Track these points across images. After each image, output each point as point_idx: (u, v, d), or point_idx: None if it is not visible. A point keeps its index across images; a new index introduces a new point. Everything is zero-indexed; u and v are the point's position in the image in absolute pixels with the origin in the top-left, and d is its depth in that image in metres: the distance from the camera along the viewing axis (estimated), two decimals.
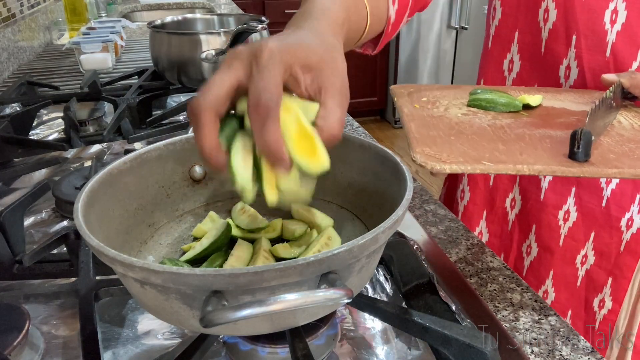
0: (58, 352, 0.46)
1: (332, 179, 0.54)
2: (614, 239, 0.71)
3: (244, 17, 1.19)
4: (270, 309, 0.30)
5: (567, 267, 0.74)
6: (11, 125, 0.87)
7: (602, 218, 0.70)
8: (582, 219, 0.71)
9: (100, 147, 0.89)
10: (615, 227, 0.70)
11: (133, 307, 0.51)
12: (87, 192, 0.42)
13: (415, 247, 0.56)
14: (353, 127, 0.96)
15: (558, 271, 0.75)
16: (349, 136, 0.53)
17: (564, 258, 0.74)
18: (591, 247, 0.72)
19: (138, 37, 1.77)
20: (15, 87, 1.08)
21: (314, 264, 0.33)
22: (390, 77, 3.67)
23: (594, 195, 0.70)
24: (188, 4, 2.44)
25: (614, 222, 0.70)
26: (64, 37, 1.73)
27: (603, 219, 0.70)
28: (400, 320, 0.44)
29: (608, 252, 0.72)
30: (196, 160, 0.54)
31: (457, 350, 0.40)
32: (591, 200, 0.70)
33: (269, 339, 0.43)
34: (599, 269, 0.73)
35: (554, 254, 0.74)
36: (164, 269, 0.33)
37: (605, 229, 0.71)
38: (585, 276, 0.74)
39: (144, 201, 0.50)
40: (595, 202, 0.70)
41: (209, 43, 0.99)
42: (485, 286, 0.54)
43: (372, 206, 0.51)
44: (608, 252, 0.72)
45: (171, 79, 1.06)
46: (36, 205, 0.70)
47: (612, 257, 0.72)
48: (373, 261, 0.41)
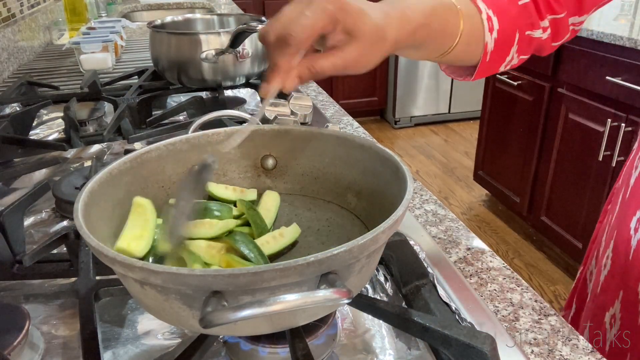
0: (58, 352, 0.46)
1: (332, 179, 0.54)
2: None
3: (244, 17, 1.19)
4: (270, 309, 0.30)
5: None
6: (11, 125, 0.87)
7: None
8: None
9: (100, 147, 0.89)
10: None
11: (133, 307, 0.51)
12: (87, 192, 0.42)
13: (415, 247, 0.56)
14: (353, 127, 0.96)
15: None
16: (349, 136, 0.53)
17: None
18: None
19: (138, 37, 1.77)
20: (15, 87, 1.08)
21: (314, 264, 0.33)
22: (391, 77, 3.67)
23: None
24: (188, 4, 2.44)
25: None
26: (64, 37, 1.73)
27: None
28: (400, 320, 0.44)
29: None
30: (196, 160, 0.54)
31: (457, 350, 0.40)
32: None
33: (269, 339, 0.43)
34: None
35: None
36: (163, 269, 0.33)
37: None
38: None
39: None
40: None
41: (209, 43, 0.99)
42: (485, 286, 0.54)
43: (372, 206, 0.51)
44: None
45: (171, 79, 1.06)
46: (36, 205, 0.70)
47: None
48: (373, 261, 0.41)
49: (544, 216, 2.28)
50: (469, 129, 3.72)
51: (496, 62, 0.61)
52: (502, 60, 0.61)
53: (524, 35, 0.60)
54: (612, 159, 1.84)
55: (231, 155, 0.56)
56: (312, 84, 1.24)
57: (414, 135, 3.66)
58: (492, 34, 0.58)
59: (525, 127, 2.30)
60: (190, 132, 0.65)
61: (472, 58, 0.60)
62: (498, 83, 2.45)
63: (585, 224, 2.02)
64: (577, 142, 2.02)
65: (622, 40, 1.74)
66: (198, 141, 0.54)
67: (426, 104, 3.72)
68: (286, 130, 0.55)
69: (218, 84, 1.04)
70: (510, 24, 0.59)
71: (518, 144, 2.37)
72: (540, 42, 0.62)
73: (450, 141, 3.56)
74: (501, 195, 2.57)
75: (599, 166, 1.90)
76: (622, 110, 1.80)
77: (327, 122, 0.95)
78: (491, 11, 0.57)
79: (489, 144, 2.61)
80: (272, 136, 0.56)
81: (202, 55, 0.99)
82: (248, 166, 0.57)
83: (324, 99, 1.13)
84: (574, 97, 2.00)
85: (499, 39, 0.58)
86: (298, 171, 0.56)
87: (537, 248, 2.39)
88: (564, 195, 2.13)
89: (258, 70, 1.07)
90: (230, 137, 0.50)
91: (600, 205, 1.93)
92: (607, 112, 1.85)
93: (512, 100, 2.37)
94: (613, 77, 1.78)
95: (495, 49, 0.59)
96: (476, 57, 0.59)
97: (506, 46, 0.60)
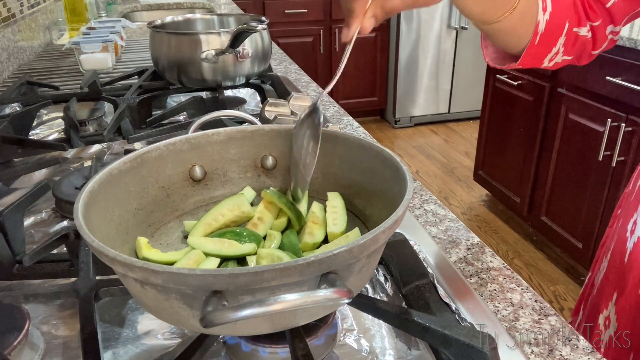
0: (58, 352, 0.46)
1: (332, 179, 0.54)
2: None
3: (244, 17, 1.19)
4: (271, 309, 0.30)
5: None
6: (11, 125, 0.87)
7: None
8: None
9: (100, 147, 0.89)
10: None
11: (133, 307, 0.51)
12: (87, 192, 0.42)
13: (415, 247, 0.56)
14: (353, 127, 0.96)
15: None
16: (349, 136, 0.53)
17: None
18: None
19: (138, 37, 1.77)
20: (15, 87, 1.08)
21: (314, 264, 0.33)
22: (391, 77, 3.67)
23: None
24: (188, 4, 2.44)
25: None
26: (64, 37, 1.73)
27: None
28: (400, 320, 0.44)
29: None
30: (196, 160, 0.54)
31: (457, 350, 0.40)
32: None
33: (269, 339, 0.43)
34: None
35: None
36: (164, 269, 0.33)
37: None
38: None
39: (144, 201, 0.50)
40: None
41: (209, 43, 0.99)
42: (485, 286, 0.54)
43: (372, 206, 0.51)
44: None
45: (171, 79, 1.06)
46: (36, 205, 0.70)
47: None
48: (373, 261, 0.41)
49: (544, 216, 2.28)
50: (469, 129, 3.72)
51: (544, 49, 0.61)
52: (549, 50, 0.62)
53: (571, 30, 0.61)
54: (612, 159, 1.84)
55: (231, 155, 0.56)
56: (312, 84, 1.24)
57: (413, 135, 3.66)
58: (544, 14, 0.59)
59: (525, 127, 2.30)
60: (190, 132, 0.65)
61: (521, 39, 0.60)
62: (498, 83, 2.45)
63: (585, 224, 2.02)
64: (577, 142, 2.02)
65: (622, 40, 1.74)
66: (198, 141, 0.54)
67: (426, 103, 3.72)
68: (286, 130, 0.55)
69: (218, 84, 1.04)
70: (562, 11, 0.60)
71: (518, 144, 2.37)
72: (584, 43, 0.63)
73: (450, 141, 3.56)
74: (501, 195, 2.57)
75: (599, 166, 1.90)
76: (622, 110, 1.80)
77: (327, 122, 0.95)
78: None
79: (489, 144, 2.61)
80: (272, 136, 0.56)
81: (202, 55, 0.99)
82: (248, 166, 0.57)
83: (324, 99, 1.13)
84: (574, 97, 2.00)
85: (550, 22, 0.59)
86: None
87: (537, 248, 2.39)
88: (564, 195, 2.13)
89: (258, 70, 1.07)
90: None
91: (600, 205, 1.93)
92: (607, 112, 1.85)
93: (512, 100, 2.37)
94: (613, 77, 1.78)
95: (546, 31, 0.59)
96: (526, 38, 0.60)
97: (556, 33, 0.60)
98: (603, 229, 1.92)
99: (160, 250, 0.50)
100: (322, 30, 3.43)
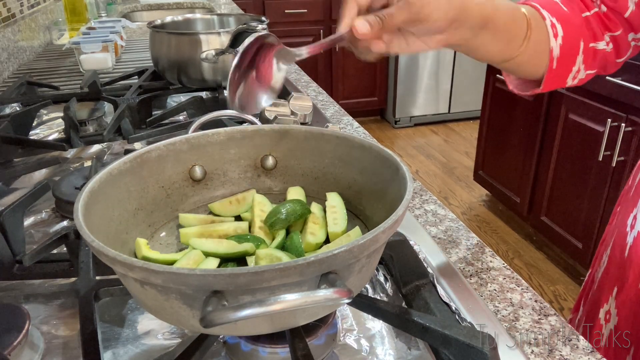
0: (58, 352, 0.46)
1: (332, 179, 0.54)
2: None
3: (244, 17, 1.19)
4: (271, 309, 0.30)
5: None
6: (11, 125, 0.87)
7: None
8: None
9: (100, 147, 0.89)
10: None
11: (133, 307, 0.51)
12: (87, 192, 0.42)
13: (415, 247, 0.56)
14: (353, 127, 0.96)
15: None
16: (349, 136, 0.53)
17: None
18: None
19: (138, 37, 1.77)
20: (15, 87, 1.08)
21: (314, 264, 0.33)
22: (391, 77, 3.67)
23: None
24: (188, 4, 2.44)
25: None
26: (64, 37, 1.73)
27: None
28: (400, 320, 0.44)
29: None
30: (196, 160, 0.54)
31: (457, 350, 0.40)
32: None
33: (269, 339, 0.43)
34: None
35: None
36: (164, 268, 0.33)
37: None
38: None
39: (144, 201, 0.50)
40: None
41: (209, 43, 0.99)
42: (485, 286, 0.54)
43: (372, 206, 0.51)
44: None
45: (171, 79, 1.06)
46: (36, 205, 0.70)
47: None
48: (373, 261, 0.41)
49: (544, 216, 2.28)
50: (469, 129, 3.72)
51: (563, 71, 0.62)
52: (569, 70, 0.62)
53: (588, 47, 0.61)
54: (612, 159, 1.83)
55: (231, 155, 0.56)
56: (312, 84, 1.24)
57: (413, 135, 3.66)
58: (556, 40, 0.59)
59: (525, 127, 2.30)
60: (190, 132, 0.65)
61: (539, 67, 0.61)
62: (498, 83, 2.45)
63: (585, 224, 2.02)
64: (577, 142, 2.02)
65: None
66: (198, 141, 0.54)
67: (426, 103, 3.72)
68: (286, 130, 0.55)
69: (218, 84, 1.04)
70: (574, 33, 0.60)
71: (518, 144, 2.37)
72: (605, 55, 0.63)
73: (450, 141, 3.56)
74: (501, 195, 2.57)
75: (599, 166, 1.90)
76: (622, 110, 1.80)
77: (327, 122, 0.95)
78: (555, 19, 0.59)
79: (489, 144, 2.61)
80: (272, 136, 0.56)
81: (202, 55, 0.99)
82: (248, 166, 0.57)
83: (324, 99, 1.13)
84: (574, 97, 2.00)
85: (564, 46, 0.59)
86: (298, 171, 0.56)
87: (537, 248, 2.39)
88: (564, 195, 2.13)
89: None
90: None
91: (600, 205, 1.93)
92: (607, 112, 1.85)
93: (512, 100, 2.37)
94: (613, 77, 1.78)
95: (561, 55, 0.60)
96: (543, 66, 0.60)
97: (572, 54, 0.61)
98: (603, 229, 1.91)
99: (160, 250, 0.50)
100: (322, 30, 3.43)
